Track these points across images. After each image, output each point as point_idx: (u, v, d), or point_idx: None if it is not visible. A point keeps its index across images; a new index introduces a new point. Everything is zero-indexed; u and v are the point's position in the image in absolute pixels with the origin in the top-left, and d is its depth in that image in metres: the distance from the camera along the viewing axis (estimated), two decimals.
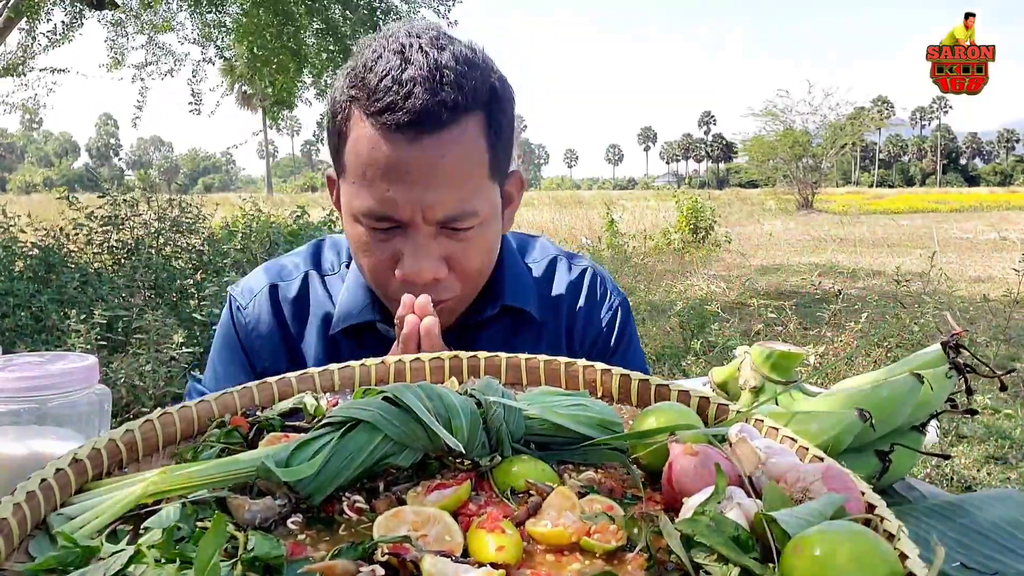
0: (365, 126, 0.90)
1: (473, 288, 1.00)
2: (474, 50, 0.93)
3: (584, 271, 1.13)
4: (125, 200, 5.89)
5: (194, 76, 8.80)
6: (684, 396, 0.67)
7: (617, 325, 1.11)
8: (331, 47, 8.07)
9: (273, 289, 1.09)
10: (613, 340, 1.10)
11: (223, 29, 8.44)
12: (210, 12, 8.20)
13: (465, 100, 0.89)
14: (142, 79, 8.77)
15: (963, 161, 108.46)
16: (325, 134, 1.01)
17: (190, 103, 8.92)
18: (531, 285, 1.09)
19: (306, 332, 1.07)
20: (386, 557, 0.44)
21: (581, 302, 1.11)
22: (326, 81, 8.22)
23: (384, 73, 0.88)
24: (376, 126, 0.88)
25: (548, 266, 1.13)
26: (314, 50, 8.19)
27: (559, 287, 1.11)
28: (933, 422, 0.76)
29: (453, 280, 0.95)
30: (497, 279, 1.05)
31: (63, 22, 8.24)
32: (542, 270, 1.13)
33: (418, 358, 0.71)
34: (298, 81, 8.47)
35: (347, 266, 1.10)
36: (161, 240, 5.88)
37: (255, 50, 7.88)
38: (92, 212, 5.75)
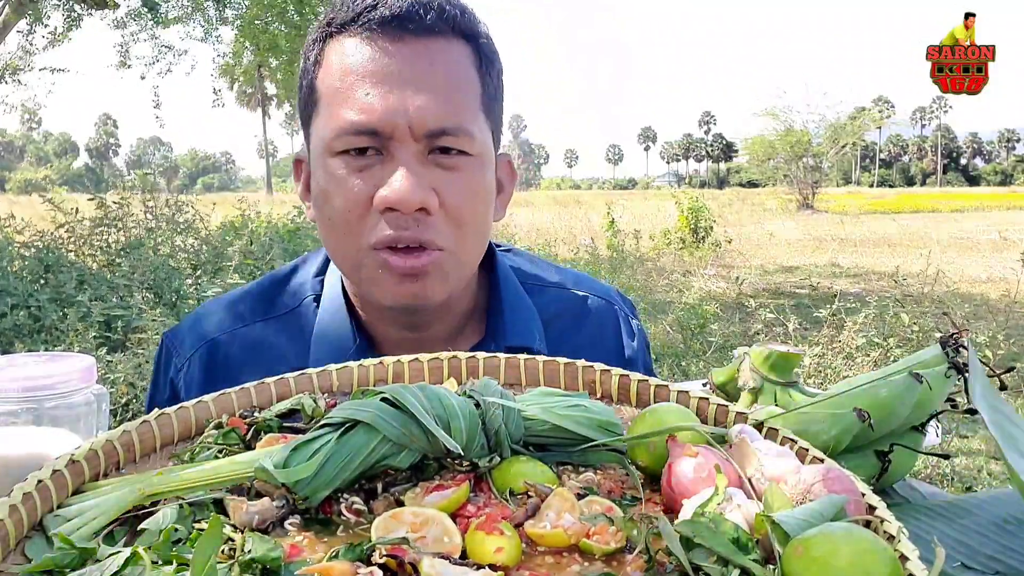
0: (341, 42, 0.83)
1: (463, 246, 0.85)
2: None
3: (602, 304, 1.01)
4: (116, 201, 5.91)
5: (212, 74, 9.04)
6: (683, 397, 0.67)
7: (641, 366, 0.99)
8: None
9: (211, 344, 0.93)
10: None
11: (225, 22, 8.52)
12: (219, 9, 8.28)
13: (452, 20, 0.82)
14: (156, 78, 8.94)
15: (963, 161, 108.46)
16: (298, 108, 0.91)
17: (214, 101, 9.22)
18: (535, 319, 0.96)
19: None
20: (384, 559, 0.44)
21: (594, 338, 0.99)
22: None
23: None
24: (354, 33, 0.82)
25: (556, 296, 1.00)
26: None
27: (566, 319, 0.99)
28: (934, 422, 0.76)
29: (443, 221, 0.82)
30: (496, 313, 0.94)
31: (63, 23, 8.27)
32: (548, 299, 1.00)
33: (416, 359, 0.70)
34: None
35: (315, 299, 0.95)
36: (159, 240, 5.89)
37: (258, 35, 7.95)
38: (81, 215, 5.78)
